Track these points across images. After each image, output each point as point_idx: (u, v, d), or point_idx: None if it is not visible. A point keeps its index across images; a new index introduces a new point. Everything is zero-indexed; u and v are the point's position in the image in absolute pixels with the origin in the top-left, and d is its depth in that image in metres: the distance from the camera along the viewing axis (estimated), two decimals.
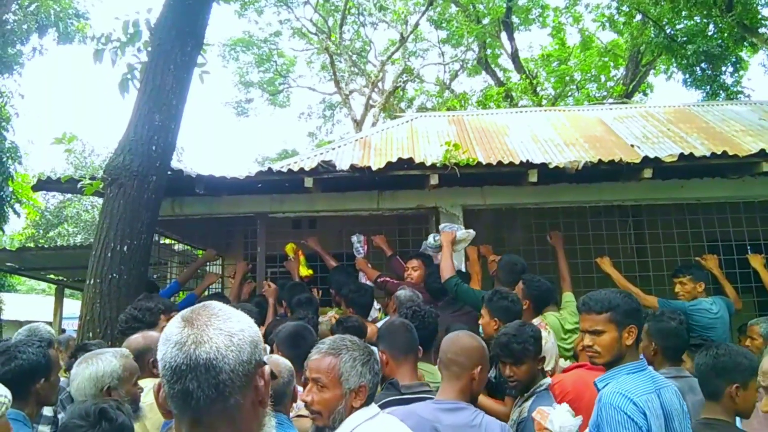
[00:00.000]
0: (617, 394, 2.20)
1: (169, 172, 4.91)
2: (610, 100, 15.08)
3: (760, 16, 15.09)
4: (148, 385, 2.76)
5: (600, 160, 5.06)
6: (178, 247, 7.66)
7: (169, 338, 1.12)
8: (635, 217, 6.48)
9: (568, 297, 4.25)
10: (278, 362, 2.38)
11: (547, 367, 3.20)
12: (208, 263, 6.75)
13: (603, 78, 19.87)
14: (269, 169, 5.44)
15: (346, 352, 2.09)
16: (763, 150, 4.98)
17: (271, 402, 1.21)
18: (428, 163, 5.20)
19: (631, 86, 18.68)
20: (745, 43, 15.12)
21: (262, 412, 1.16)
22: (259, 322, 3.44)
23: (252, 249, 6.00)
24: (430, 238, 4.98)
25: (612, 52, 19.67)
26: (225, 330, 1.11)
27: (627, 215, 6.55)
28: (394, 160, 5.18)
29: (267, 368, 1.17)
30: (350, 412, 2.03)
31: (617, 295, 2.44)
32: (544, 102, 18.12)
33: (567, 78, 19.25)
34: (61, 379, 3.22)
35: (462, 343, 2.44)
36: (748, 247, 5.41)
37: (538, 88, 19.32)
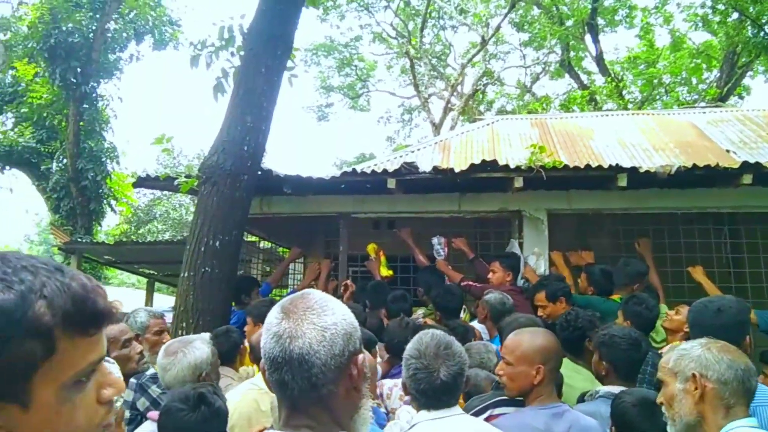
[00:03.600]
0: None
1: (259, 172, 5.09)
2: (703, 104, 14.32)
3: None
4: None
5: (695, 165, 4.83)
6: (262, 244, 7.92)
7: (269, 329, 1.20)
8: (731, 225, 6.14)
9: (662, 309, 4.10)
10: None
11: None
12: (293, 262, 6.93)
13: (694, 80, 18.95)
14: (353, 170, 5.55)
15: (410, 343, 2.12)
16: None
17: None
18: (512, 166, 5.14)
19: (725, 89, 17.69)
20: None
21: (356, 397, 1.21)
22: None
23: (333, 248, 6.13)
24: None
25: (705, 54, 18.71)
26: (318, 324, 1.17)
27: (722, 223, 6.22)
28: (476, 162, 5.15)
29: (361, 357, 1.21)
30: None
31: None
32: (630, 106, 17.45)
33: (655, 81, 18.47)
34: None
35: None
36: None
37: (624, 92, 18.63)
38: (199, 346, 2.80)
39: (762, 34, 14.22)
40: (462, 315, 4.86)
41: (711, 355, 1.91)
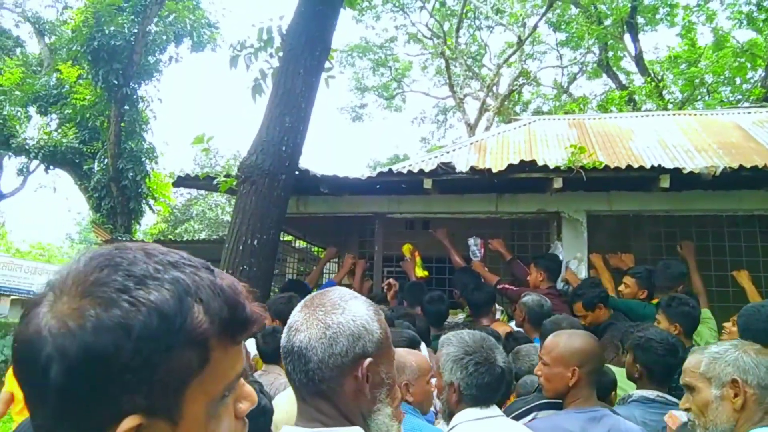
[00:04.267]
0: None
1: (296, 172, 5.13)
2: (747, 104, 13.92)
3: None
4: None
5: (741, 166, 4.70)
6: (297, 243, 7.99)
7: (289, 319, 1.23)
8: None
9: (705, 314, 4.00)
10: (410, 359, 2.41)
11: None
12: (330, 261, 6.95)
13: (738, 80, 18.42)
14: (389, 170, 5.55)
15: (445, 347, 2.12)
16: None
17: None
18: (551, 166, 5.07)
19: None
20: None
21: (365, 401, 1.18)
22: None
23: (368, 248, 6.15)
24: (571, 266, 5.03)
25: (750, 53, 18.15)
26: (324, 321, 1.17)
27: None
28: (515, 162, 5.10)
29: (368, 361, 1.17)
30: (452, 407, 2.05)
31: None
32: (670, 106, 17.08)
33: (697, 81, 18.02)
34: None
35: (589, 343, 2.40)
36: None
37: (665, 92, 18.24)
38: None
39: None
40: (499, 316, 4.82)
41: (749, 358, 1.79)
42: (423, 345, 3.22)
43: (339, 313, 1.18)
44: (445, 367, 2.07)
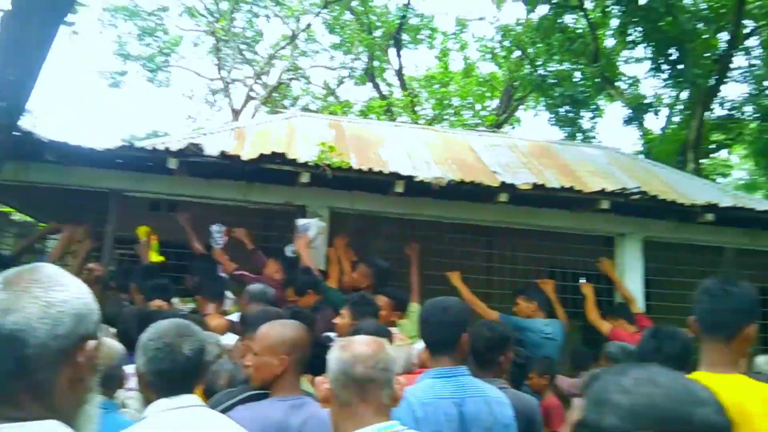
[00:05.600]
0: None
1: (16, 133, 4.49)
2: (483, 129, 15.93)
3: (618, 71, 16.76)
4: None
5: (462, 180, 5.34)
6: (17, 217, 7.01)
7: None
8: (489, 237, 6.88)
9: (412, 307, 4.45)
10: (109, 344, 2.26)
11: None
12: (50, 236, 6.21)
13: (479, 106, 20.95)
14: (131, 144, 5.17)
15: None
16: (603, 189, 5.53)
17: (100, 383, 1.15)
18: (301, 161, 5.20)
19: (502, 117, 19.89)
20: (604, 92, 16.71)
21: (81, 390, 1.09)
22: None
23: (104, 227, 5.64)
24: (288, 251, 5.07)
25: (490, 83, 20.82)
26: (44, 299, 1.02)
27: (481, 235, 6.95)
28: (267, 153, 5.12)
29: (92, 343, 1.08)
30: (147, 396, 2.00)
31: None
32: (421, 121, 18.74)
33: (446, 102, 20.07)
34: None
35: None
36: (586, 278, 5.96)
37: (418, 107, 19.95)
38: None
39: (536, 73, 16.22)
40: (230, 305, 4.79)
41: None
42: None
43: (61, 289, 1.04)
44: (137, 354, 1.98)
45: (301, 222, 5.17)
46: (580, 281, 5.71)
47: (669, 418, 0.91)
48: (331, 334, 3.50)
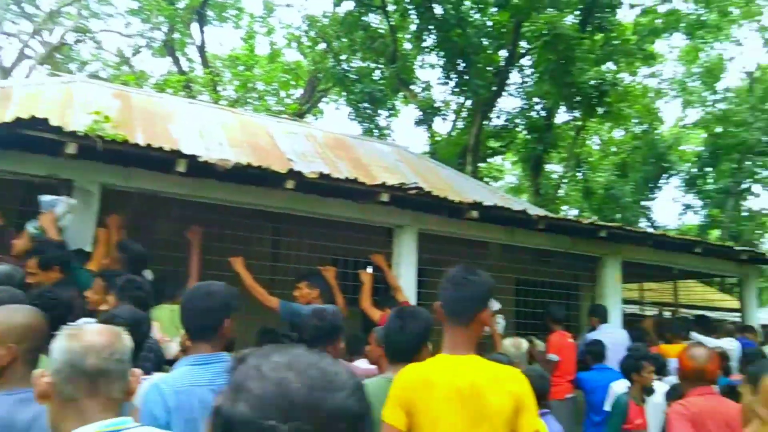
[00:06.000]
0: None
1: None
2: (285, 117, 15.90)
3: (414, 75, 17.85)
4: None
5: (249, 164, 5.26)
6: None
7: None
8: (276, 224, 6.89)
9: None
10: None
11: None
12: None
13: (283, 94, 20.87)
14: None
15: None
16: (384, 183, 5.84)
17: None
18: (68, 129, 4.69)
19: (306, 107, 20.04)
20: (400, 94, 17.68)
21: None
22: None
23: None
24: (30, 227, 4.57)
25: (295, 72, 20.83)
26: None
27: (269, 221, 6.92)
28: (26, 117, 4.53)
29: None
30: None
31: None
32: (223, 102, 18.14)
33: (250, 85, 19.66)
34: None
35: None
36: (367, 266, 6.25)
37: (220, 88, 19.29)
38: None
39: (339, 67, 16.58)
40: None
41: None
42: None
43: None
44: None
45: (45, 198, 4.68)
46: (367, 269, 5.97)
47: (298, 405, 0.83)
48: None
